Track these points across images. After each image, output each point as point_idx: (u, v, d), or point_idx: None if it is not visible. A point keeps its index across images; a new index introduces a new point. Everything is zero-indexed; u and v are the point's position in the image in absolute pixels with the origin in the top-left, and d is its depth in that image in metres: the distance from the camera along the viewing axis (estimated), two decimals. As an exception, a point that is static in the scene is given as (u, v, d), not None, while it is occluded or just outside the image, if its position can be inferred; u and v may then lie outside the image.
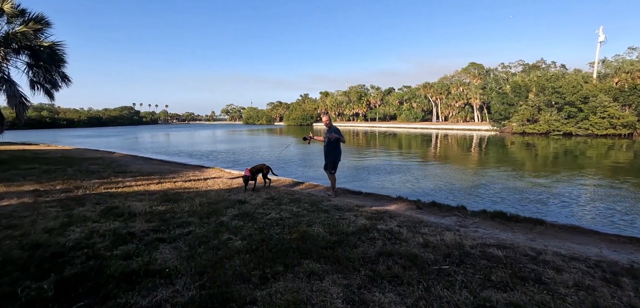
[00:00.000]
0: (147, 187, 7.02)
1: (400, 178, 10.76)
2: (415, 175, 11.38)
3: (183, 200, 5.72)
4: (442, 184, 9.87)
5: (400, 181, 10.38)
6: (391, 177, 11.03)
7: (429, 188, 9.26)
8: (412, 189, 9.12)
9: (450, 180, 10.45)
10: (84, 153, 15.51)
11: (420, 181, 10.36)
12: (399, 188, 9.27)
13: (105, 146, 26.18)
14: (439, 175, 11.48)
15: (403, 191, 8.62)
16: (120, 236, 3.82)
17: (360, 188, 8.60)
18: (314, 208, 5.32)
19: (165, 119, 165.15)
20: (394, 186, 9.72)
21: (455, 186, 9.51)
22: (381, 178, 10.87)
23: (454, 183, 10.09)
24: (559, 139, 31.26)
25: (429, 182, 10.15)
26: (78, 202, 5.49)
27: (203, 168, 10.72)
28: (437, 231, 4.21)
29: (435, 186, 9.50)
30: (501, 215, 5.05)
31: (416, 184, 9.89)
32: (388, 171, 12.17)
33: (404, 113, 73.67)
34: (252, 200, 5.83)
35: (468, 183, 10.08)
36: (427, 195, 8.34)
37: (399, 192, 8.42)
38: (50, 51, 10.60)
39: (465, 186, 9.59)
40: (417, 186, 9.52)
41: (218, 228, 4.17)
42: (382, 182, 10.24)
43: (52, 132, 61.71)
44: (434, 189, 9.08)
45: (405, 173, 11.76)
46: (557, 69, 50.53)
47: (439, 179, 10.62)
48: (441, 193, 8.67)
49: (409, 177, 11.01)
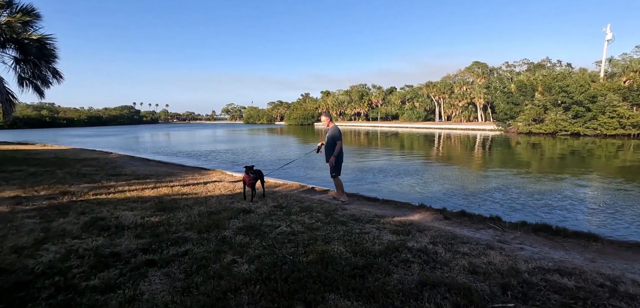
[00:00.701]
0: (141, 193, 6.37)
1: (409, 181, 10.10)
2: (424, 178, 10.72)
3: (180, 209, 5.07)
4: (455, 187, 9.21)
5: (408, 184, 9.72)
6: (399, 180, 10.37)
7: (441, 192, 8.60)
8: (424, 193, 8.47)
9: (463, 183, 9.78)
10: (79, 154, 14.87)
11: (430, 184, 9.70)
12: (409, 192, 8.63)
13: (103, 145, 25.54)
14: (449, 178, 10.82)
15: (418, 197, 7.98)
16: (102, 258, 3.17)
17: (370, 192, 7.98)
18: (329, 218, 4.66)
19: (165, 118, 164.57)
20: (402, 189, 9.08)
21: (469, 190, 8.85)
22: (388, 181, 10.22)
23: (467, 186, 9.43)
24: (566, 139, 30.58)
25: (439, 185, 9.49)
26: (61, 212, 4.84)
27: (203, 171, 10.07)
28: (479, 250, 3.55)
29: (447, 190, 8.84)
30: (546, 228, 4.39)
31: (426, 187, 9.22)
32: (395, 174, 11.51)
33: (406, 113, 72.96)
34: (258, 209, 5.18)
35: (482, 186, 9.41)
36: (440, 200, 7.69)
37: (416, 198, 7.80)
38: (39, 45, 9.92)
39: (479, 189, 8.92)
40: (428, 190, 8.86)
41: (220, 245, 3.52)
42: (389, 185, 9.59)
43: (51, 131, 61.23)
44: (447, 194, 8.43)
45: (413, 176, 11.10)
46: (563, 68, 49.79)
47: (449, 182, 9.96)
48: (455, 198, 8.02)
49: (418, 180, 10.35)
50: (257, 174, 5.93)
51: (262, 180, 6.18)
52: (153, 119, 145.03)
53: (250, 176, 5.68)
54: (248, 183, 5.72)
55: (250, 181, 5.71)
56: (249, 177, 5.67)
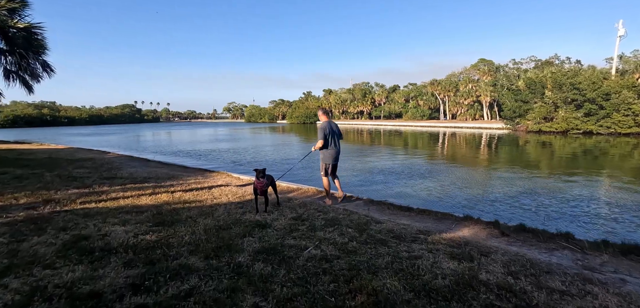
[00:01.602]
0: (137, 200, 5.53)
1: (424, 184, 9.22)
2: (440, 180, 9.84)
3: (182, 222, 4.23)
4: (476, 191, 8.33)
5: (424, 187, 8.85)
6: (413, 182, 9.51)
7: (463, 197, 7.74)
8: (444, 199, 7.61)
9: (483, 186, 8.91)
10: (75, 153, 14.06)
11: (449, 188, 8.81)
12: (428, 197, 7.76)
13: (102, 145, 24.77)
14: (466, 180, 9.95)
15: (439, 202, 7.11)
16: (75, 302, 2.33)
17: (385, 195, 7.19)
18: (364, 236, 3.81)
19: (167, 117, 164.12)
20: (417, 192, 8.25)
21: (493, 194, 7.97)
22: (401, 184, 9.36)
23: (489, 190, 8.55)
24: (578, 137, 29.64)
25: (459, 189, 8.61)
26: (38, 226, 4.00)
27: (207, 173, 9.23)
28: (576, 286, 2.69)
29: (469, 195, 7.97)
30: (638, 251, 3.53)
31: (445, 191, 8.34)
32: (407, 175, 10.62)
33: (410, 111, 71.88)
34: (275, 222, 4.33)
35: (505, 189, 8.52)
36: (466, 207, 6.89)
37: (438, 203, 6.93)
38: (26, 35, 9.06)
39: (503, 194, 8.04)
40: (448, 195, 7.99)
41: (235, 280, 2.67)
42: (403, 188, 8.74)
43: (52, 130, 60.78)
44: (470, 199, 7.57)
45: (427, 178, 10.22)
46: (573, 65, 48.72)
47: (469, 185, 9.08)
48: (481, 204, 7.17)
49: (433, 183, 9.47)
50: (268, 179, 5.08)
51: (273, 186, 5.32)
52: (154, 118, 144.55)
53: (262, 181, 4.80)
54: (260, 189, 4.84)
55: (263, 188, 4.84)
56: (261, 182, 4.78)
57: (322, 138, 5.57)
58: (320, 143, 5.58)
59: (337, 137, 5.79)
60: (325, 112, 5.90)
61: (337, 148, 5.77)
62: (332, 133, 5.68)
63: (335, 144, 5.74)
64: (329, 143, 5.65)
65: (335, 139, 5.72)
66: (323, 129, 5.59)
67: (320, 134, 5.58)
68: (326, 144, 5.64)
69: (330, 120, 5.85)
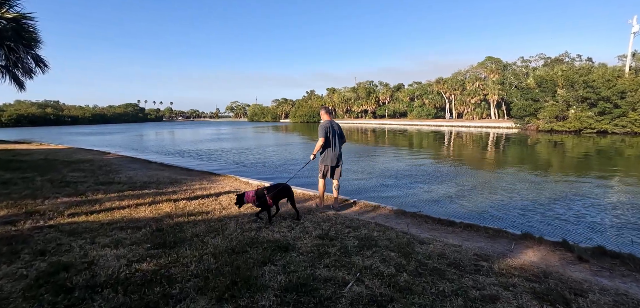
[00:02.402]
0: (135, 211, 4.80)
1: (443, 190, 8.43)
2: (459, 185, 9.03)
3: (187, 242, 3.50)
4: (501, 198, 7.53)
5: (444, 194, 8.05)
6: (429, 187, 8.73)
7: (489, 205, 6.96)
8: (468, 207, 6.82)
9: (509, 192, 8.07)
10: (73, 154, 13.38)
11: (470, 193, 8.01)
12: (449, 205, 6.99)
13: (104, 144, 24.15)
14: (488, 184, 9.14)
15: (466, 211, 6.33)
16: None
17: (407, 205, 6.41)
18: (413, 263, 3.06)
19: (170, 116, 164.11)
20: (435, 197, 7.50)
21: (522, 202, 7.17)
22: (418, 188, 8.59)
23: (516, 196, 7.72)
24: (592, 137, 28.68)
25: (482, 195, 7.81)
26: (12, 249, 3.28)
27: (212, 176, 8.50)
28: None
29: (495, 202, 7.19)
30: None
31: (468, 198, 7.53)
32: (422, 179, 9.81)
33: (415, 110, 70.96)
34: (297, 241, 3.60)
35: (534, 196, 7.71)
36: (496, 218, 6.15)
37: (462, 212, 6.15)
38: (16, 26, 8.34)
39: (534, 201, 7.24)
40: (473, 203, 7.19)
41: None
42: (420, 193, 7.97)
43: (55, 129, 60.59)
44: (498, 207, 6.79)
45: (444, 182, 9.42)
46: (584, 63, 47.60)
47: (492, 190, 8.28)
48: (511, 213, 6.39)
49: (453, 187, 8.67)
50: (281, 191, 4.54)
51: (291, 199, 4.62)
52: (157, 117, 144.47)
53: (269, 195, 4.34)
54: (270, 203, 4.35)
55: (271, 203, 4.37)
56: (269, 197, 4.34)
57: (323, 135, 5.13)
58: (321, 141, 5.12)
59: (339, 138, 5.32)
60: (328, 111, 5.46)
61: (338, 149, 5.29)
62: (333, 132, 5.23)
63: (336, 146, 5.25)
64: (330, 142, 5.21)
65: (336, 139, 5.26)
66: (324, 127, 5.18)
67: (321, 132, 5.15)
68: (327, 142, 5.21)
69: (332, 120, 5.38)
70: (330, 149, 5.22)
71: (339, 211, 5.18)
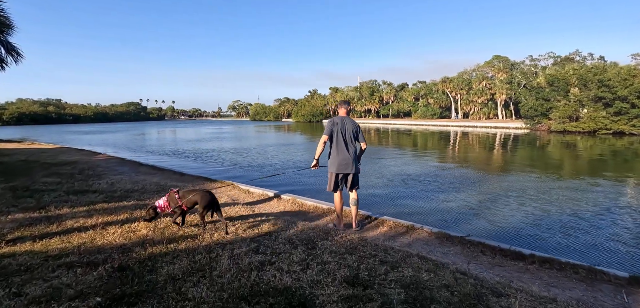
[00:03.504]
0: (101, 234, 3.71)
1: (464, 199, 7.28)
2: (482, 193, 7.88)
3: (156, 294, 2.39)
4: (538, 211, 6.36)
5: (465, 204, 6.92)
6: (447, 196, 7.56)
7: (526, 221, 5.82)
8: (500, 224, 5.66)
9: (542, 204, 6.88)
10: (60, 155, 12.33)
11: (496, 204, 6.86)
12: (493, 219, 5.85)
13: (99, 143, 23.18)
14: (514, 192, 7.96)
15: (509, 228, 5.17)
16: None
17: (435, 222, 5.32)
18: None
19: (172, 115, 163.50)
20: (451, 206, 6.30)
21: (562, 218, 5.99)
22: (433, 197, 7.47)
23: (551, 209, 6.55)
24: (608, 138, 27.41)
25: (512, 207, 6.64)
26: None
27: (207, 182, 7.39)
28: None
29: (533, 217, 6.05)
30: None
31: (497, 212, 6.36)
32: (437, 186, 8.64)
33: (420, 110, 69.64)
34: (317, 290, 2.48)
35: (574, 209, 6.54)
36: (538, 236, 5.02)
37: (535, 237, 5.01)
38: (-20, 8, 7.31)
39: (575, 216, 6.07)
40: (501, 216, 6.05)
41: None
42: (437, 204, 6.82)
43: (56, 127, 60.11)
44: (536, 223, 5.64)
45: (462, 189, 8.28)
46: (596, 62, 46.20)
47: (522, 201, 7.10)
48: (557, 233, 5.23)
49: (474, 197, 7.51)
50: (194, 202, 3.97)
51: (212, 206, 3.98)
52: (159, 116, 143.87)
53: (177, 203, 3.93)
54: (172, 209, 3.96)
55: (175, 208, 3.96)
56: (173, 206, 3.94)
57: (326, 133, 4.16)
58: (321, 140, 4.13)
59: (349, 138, 4.16)
60: (344, 104, 4.43)
61: (346, 152, 4.13)
62: (340, 131, 4.14)
63: (343, 147, 4.12)
64: (334, 142, 4.15)
65: (344, 139, 4.14)
66: (329, 123, 4.24)
67: (325, 130, 4.21)
68: (331, 143, 4.18)
69: (346, 116, 4.27)
70: (335, 151, 4.14)
71: (362, 232, 4.07)
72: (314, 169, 4.28)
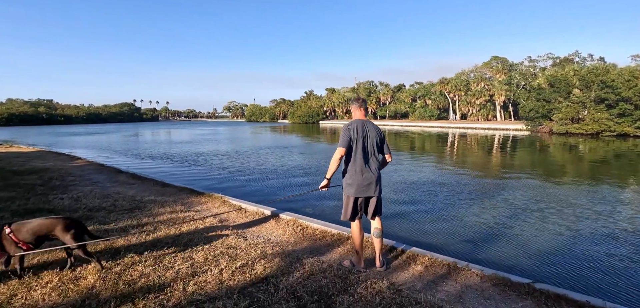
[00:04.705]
0: (26, 288, 2.65)
1: (489, 216, 6.30)
2: (508, 203, 6.91)
3: None
4: (586, 230, 5.38)
5: (491, 222, 5.93)
6: (466, 211, 6.56)
7: (579, 246, 4.84)
8: (546, 253, 4.67)
9: (588, 221, 5.94)
10: (32, 160, 11.14)
11: (530, 220, 5.90)
12: (511, 249, 4.86)
13: (85, 145, 21.95)
14: (547, 203, 7.01)
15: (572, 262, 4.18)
16: None
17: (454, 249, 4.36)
18: None
19: (166, 116, 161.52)
20: (489, 225, 5.31)
21: (625, 242, 5.06)
22: (448, 212, 6.49)
23: (596, 225, 5.61)
24: (611, 140, 26.75)
25: (553, 226, 5.68)
26: None
27: (192, 196, 6.30)
28: None
29: (585, 240, 5.08)
30: None
31: (538, 233, 5.39)
32: (449, 197, 7.60)
33: (417, 111, 68.92)
34: None
35: (629, 223, 5.62)
36: (601, 268, 3.99)
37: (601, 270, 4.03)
38: None
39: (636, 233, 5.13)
40: (545, 241, 5.08)
41: None
42: (455, 222, 5.83)
43: (47, 128, 58.68)
44: (594, 251, 4.65)
45: (478, 199, 7.30)
46: (596, 62, 45.78)
47: (560, 214, 6.12)
48: (622, 263, 4.26)
49: (500, 211, 6.53)
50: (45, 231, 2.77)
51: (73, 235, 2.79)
52: (153, 117, 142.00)
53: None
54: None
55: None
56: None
57: (344, 144, 2.96)
58: (337, 154, 2.94)
59: (372, 149, 3.05)
60: (360, 104, 3.20)
61: (369, 169, 3.01)
62: (363, 140, 3.01)
63: (364, 162, 2.99)
64: (354, 155, 3.00)
65: (366, 153, 3.03)
66: (347, 130, 3.00)
67: (342, 138, 2.99)
68: (348, 157, 3.02)
69: (366, 120, 3.13)
70: (353, 168, 2.99)
71: (391, 274, 3.06)
72: (324, 190, 3.20)
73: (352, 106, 3.23)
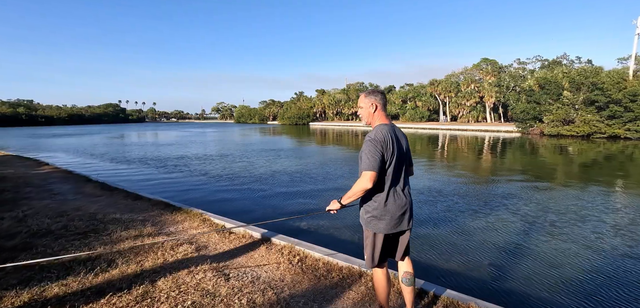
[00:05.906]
0: None
1: (508, 236, 5.61)
2: (516, 212, 6.23)
3: None
4: (610, 249, 4.72)
5: (507, 241, 5.22)
6: (473, 225, 5.84)
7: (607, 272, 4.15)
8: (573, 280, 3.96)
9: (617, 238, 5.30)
10: (-9, 167, 9.93)
11: (551, 233, 5.22)
12: (528, 280, 4.14)
13: (61, 148, 20.49)
14: (564, 214, 6.34)
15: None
16: None
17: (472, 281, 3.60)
18: None
19: (153, 117, 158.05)
20: (492, 253, 4.58)
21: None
22: (456, 227, 5.76)
23: (624, 239, 4.95)
24: (603, 142, 26.80)
25: (576, 243, 5.01)
26: None
27: (166, 213, 5.33)
28: None
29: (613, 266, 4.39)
30: None
31: (562, 256, 4.71)
32: (449, 209, 6.86)
33: (408, 112, 68.79)
34: None
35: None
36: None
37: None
38: None
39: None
40: (573, 267, 4.38)
41: None
42: (463, 242, 5.09)
43: (26, 130, 56.01)
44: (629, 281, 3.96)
45: (483, 211, 6.58)
46: (584, 65, 46.36)
47: (586, 223, 5.46)
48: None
49: (511, 225, 5.84)
50: None
51: None
52: (139, 118, 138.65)
53: None
54: None
55: None
56: None
57: (374, 167, 1.95)
58: (365, 182, 1.95)
59: (405, 165, 2.17)
60: (380, 99, 2.21)
61: (403, 194, 2.11)
62: (397, 156, 2.07)
63: (402, 186, 2.12)
64: (389, 178, 2.06)
65: (400, 172, 2.13)
66: (378, 144, 2.00)
67: (370, 155, 1.97)
68: (380, 185, 2.05)
69: (392, 123, 2.20)
70: (384, 194, 2.06)
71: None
72: (336, 211, 2.29)
73: (367, 101, 2.21)
